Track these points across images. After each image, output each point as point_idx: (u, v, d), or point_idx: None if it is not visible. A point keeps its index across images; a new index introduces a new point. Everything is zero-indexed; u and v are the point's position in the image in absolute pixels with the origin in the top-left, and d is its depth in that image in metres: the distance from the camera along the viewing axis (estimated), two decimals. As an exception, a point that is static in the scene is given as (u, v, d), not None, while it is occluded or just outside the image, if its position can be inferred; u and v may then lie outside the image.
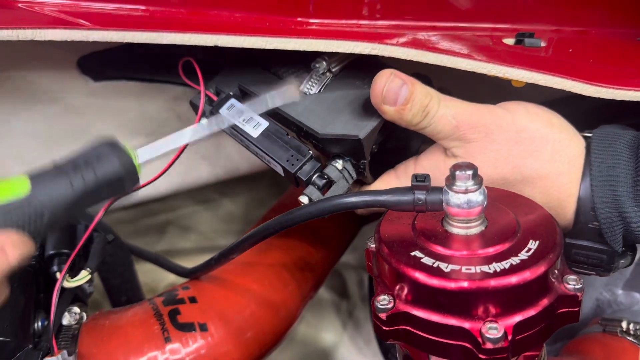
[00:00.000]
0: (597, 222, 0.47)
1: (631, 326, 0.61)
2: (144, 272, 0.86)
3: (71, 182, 0.34)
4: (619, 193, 0.46)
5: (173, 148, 0.39)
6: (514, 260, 0.35)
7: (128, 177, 0.35)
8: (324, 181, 0.51)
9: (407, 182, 0.40)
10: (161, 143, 0.39)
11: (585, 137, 0.50)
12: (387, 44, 0.48)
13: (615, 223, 0.47)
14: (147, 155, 0.37)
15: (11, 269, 0.31)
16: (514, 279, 0.34)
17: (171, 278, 0.92)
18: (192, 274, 0.61)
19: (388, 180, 0.53)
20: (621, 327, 0.62)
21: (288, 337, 0.64)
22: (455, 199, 0.37)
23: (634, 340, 0.60)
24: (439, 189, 0.38)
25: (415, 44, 0.49)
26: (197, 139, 0.41)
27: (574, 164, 0.48)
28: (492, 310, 0.34)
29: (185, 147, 0.50)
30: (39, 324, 0.52)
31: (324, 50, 0.47)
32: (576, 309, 0.36)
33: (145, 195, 0.81)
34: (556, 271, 0.36)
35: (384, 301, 0.37)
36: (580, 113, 0.52)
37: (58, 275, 0.54)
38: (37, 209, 0.33)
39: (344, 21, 0.51)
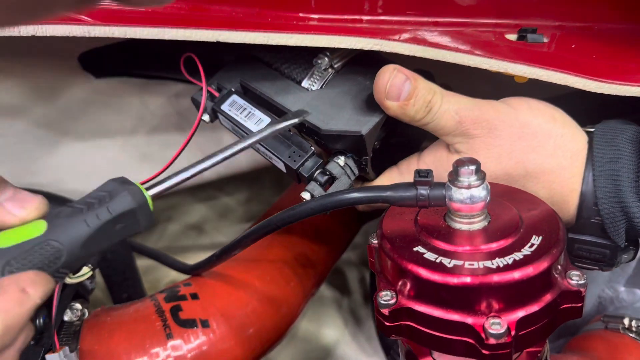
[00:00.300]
0: (599, 217, 0.47)
1: (633, 323, 0.61)
2: (145, 269, 0.86)
3: (86, 220, 0.34)
4: (622, 188, 0.46)
5: (180, 180, 0.39)
6: (517, 255, 0.35)
7: (141, 211, 0.35)
8: (326, 177, 0.51)
9: (409, 179, 0.40)
10: (170, 179, 0.39)
11: (588, 132, 0.50)
12: (389, 39, 0.48)
13: (617, 218, 0.47)
14: (155, 190, 0.38)
15: (35, 307, 0.31)
16: (516, 275, 0.34)
17: (172, 275, 0.92)
18: (194, 271, 0.61)
19: (391, 177, 0.53)
20: (623, 323, 0.62)
21: (289, 334, 0.64)
22: (458, 194, 0.37)
23: (636, 337, 0.60)
24: (442, 185, 0.38)
25: (418, 39, 0.49)
26: (203, 170, 0.41)
27: (576, 158, 0.48)
28: (495, 305, 0.34)
29: (185, 145, 0.50)
30: (41, 320, 0.51)
31: (326, 46, 0.47)
32: (579, 305, 0.36)
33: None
34: (559, 267, 0.36)
35: (386, 297, 0.37)
36: (583, 109, 0.52)
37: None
38: (54, 247, 0.33)
39: (346, 16, 0.51)
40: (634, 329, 0.61)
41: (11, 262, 0.31)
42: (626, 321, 0.62)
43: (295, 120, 0.49)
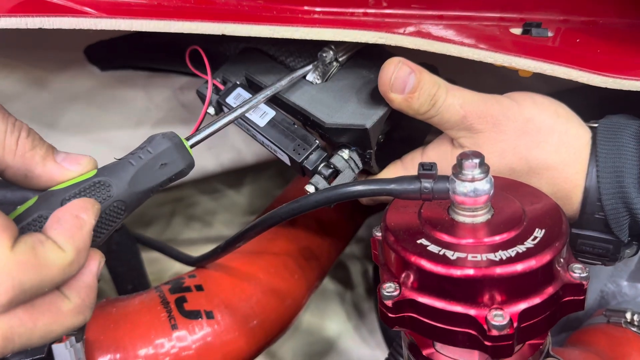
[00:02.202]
0: (603, 212, 0.48)
1: (635, 317, 0.61)
2: (149, 261, 0.87)
3: (130, 161, 0.38)
4: (625, 184, 0.46)
5: (213, 131, 0.45)
6: (520, 248, 0.35)
7: (178, 150, 0.39)
8: (330, 170, 0.51)
9: (413, 173, 0.40)
10: (205, 129, 0.44)
11: (591, 128, 0.50)
12: (394, 33, 0.48)
13: (621, 214, 0.47)
14: (192, 141, 0.42)
15: (92, 228, 0.34)
16: (519, 267, 0.34)
17: (177, 267, 0.93)
18: (198, 263, 0.61)
19: (394, 171, 0.54)
20: (625, 318, 0.62)
21: (293, 326, 0.65)
22: (461, 187, 0.37)
23: (638, 331, 0.60)
24: (446, 178, 0.38)
25: (422, 33, 0.49)
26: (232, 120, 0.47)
27: (580, 154, 0.48)
28: (498, 297, 0.34)
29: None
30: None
31: (330, 39, 0.47)
32: (581, 298, 0.36)
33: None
34: (562, 259, 0.36)
35: (389, 288, 0.37)
36: (588, 104, 0.52)
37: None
38: (103, 183, 0.36)
39: (350, 10, 0.51)
40: (636, 323, 0.61)
41: (66, 197, 0.35)
42: (628, 315, 0.62)
43: (310, 67, 0.52)
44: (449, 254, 0.35)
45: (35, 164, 0.36)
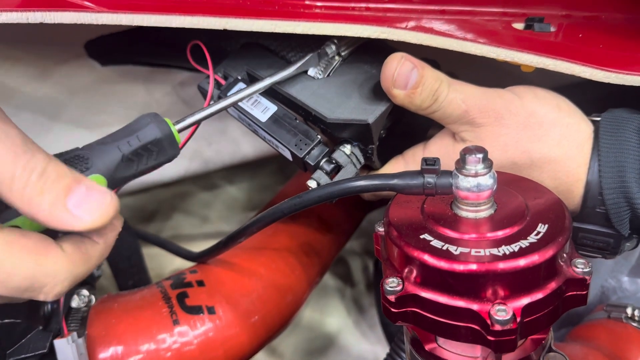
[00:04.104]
0: (604, 206, 0.48)
1: (636, 312, 0.61)
2: (150, 257, 0.87)
3: (118, 147, 0.38)
4: (627, 179, 0.46)
5: (204, 116, 0.44)
6: (523, 243, 0.35)
7: (167, 141, 0.39)
8: (332, 166, 0.51)
9: (415, 168, 0.40)
10: (194, 115, 0.44)
11: (594, 121, 0.50)
12: (396, 27, 0.48)
13: (622, 208, 0.47)
14: (181, 125, 0.42)
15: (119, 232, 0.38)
16: (522, 262, 0.34)
17: (177, 263, 0.93)
18: (200, 258, 0.61)
19: (396, 166, 0.54)
20: (626, 313, 0.62)
21: (293, 322, 0.65)
22: (464, 182, 0.37)
23: (638, 326, 0.60)
24: (449, 173, 0.38)
25: (425, 28, 0.49)
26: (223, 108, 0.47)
27: (582, 148, 0.48)
28: (501, 292, 0.34)
29: (192, 134, 0.50)
30: (49, 306, 0.52)
31: (332, 33, 0.47)
32: (584, 292, 0.36)
33: (152, 181, 0.82)
34: (565, 254, 0.36)
35: (392, 283, 0.37)
36: (590, 99, 0.52)
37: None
38: (86, 162, 0.36)
39: (352, 4, 0.51)
40: (636, 318, 0.61)
41: None
42: (629, 310, 0.62)
43: (309, 56, 0.52)
44: (452, 248, 0.35)
45: (42, 212, 0.32)
